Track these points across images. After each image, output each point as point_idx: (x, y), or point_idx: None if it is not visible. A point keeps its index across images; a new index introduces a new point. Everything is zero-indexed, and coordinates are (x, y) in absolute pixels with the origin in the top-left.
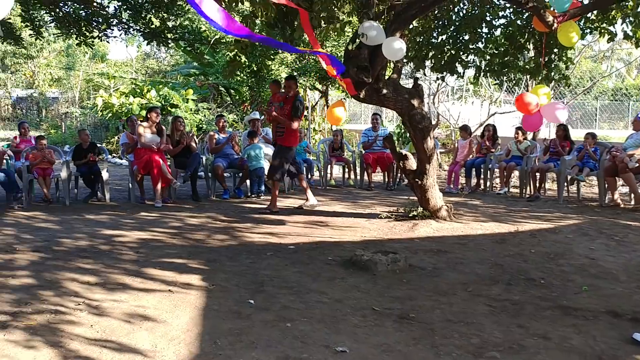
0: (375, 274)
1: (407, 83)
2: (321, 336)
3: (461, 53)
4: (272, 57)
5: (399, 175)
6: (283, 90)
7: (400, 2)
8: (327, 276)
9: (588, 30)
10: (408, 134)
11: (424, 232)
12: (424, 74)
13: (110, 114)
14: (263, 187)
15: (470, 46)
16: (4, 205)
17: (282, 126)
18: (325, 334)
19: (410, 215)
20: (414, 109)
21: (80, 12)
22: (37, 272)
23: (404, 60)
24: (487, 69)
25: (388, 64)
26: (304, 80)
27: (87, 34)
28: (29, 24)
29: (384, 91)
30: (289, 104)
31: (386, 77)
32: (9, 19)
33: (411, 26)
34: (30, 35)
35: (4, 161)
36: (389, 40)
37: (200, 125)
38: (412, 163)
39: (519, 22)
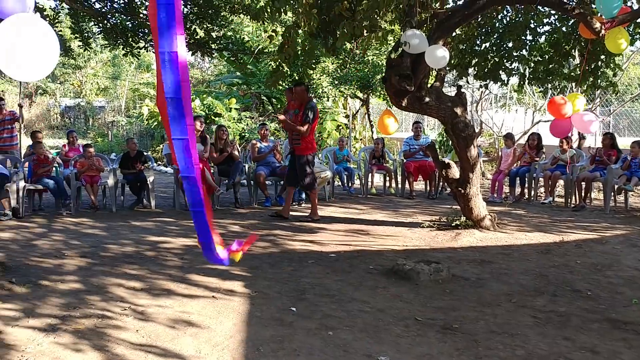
0: (417, 283)
1: (450, 91)
2: (363, 345)
3: (505, 60)
4: (313, 66)
5: (441, 184)
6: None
7: (443, 10)
8: (369, 285)
9: (638, 36)
10: (450, 142)
11: (467, 241)
12: (467, 82)
13: (155, 123)
14: (304, 195)
15: (514, 53)
16: (53, 211)
17: (298, 135)
18: (367, 343)
19: (453, 224)
20: (457, 117)
21: (127, 23)
22: (84, 277)
23: (447, 68)
24: (532, 76)
25: (430, 72)
26: (345, 89)
27: (134, 44)
28: (78, 36)
29: (427, 99)
30: (303, 110)
31: (429, 85)
32: (60, 30)
33: (454, 34)
34: (79, 46)
35: (53, 169)
36: (431, 48)
37: (243, 134)
38: (455, 172)
39: (564, 29)
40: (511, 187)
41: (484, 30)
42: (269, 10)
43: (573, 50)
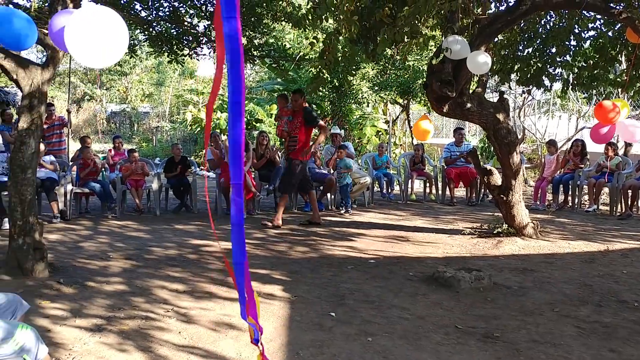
0: (458, 291)
1: (492, 97)
2: (403, 352)
3: (548, 66)
4: (353, 72)
5: (482, 190)
6: (290, 105)
7: (485, 16)
8: (409, 292)
9: None
10: (492, 149)
11: (509, 249)
12: (509, 88)
13: (199, 128)
14: (350, 202)
15: (558, 59)
16: (99, 214)
17: (294, 140)
18: (407, 350)
19: (494, 232)
20: (499, 123)
21: (172, 31)
22: (129, 279)
23: (489, 74)
24: (576, 82)
25: (472, 78)
26: (385, 95)
27: (178, 52)
28: None
29: (468, 105)
30: (299, 117)
31: (470, 91)
32: None
33: (496, 39)
34: (125, 53)
35: (100, 172)
36: (473, 54)
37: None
38: (497, 178)
39: (610, 33)
40: (554, 195)
41: (526, 35)
42: (310, 17)
43: (619, 56)
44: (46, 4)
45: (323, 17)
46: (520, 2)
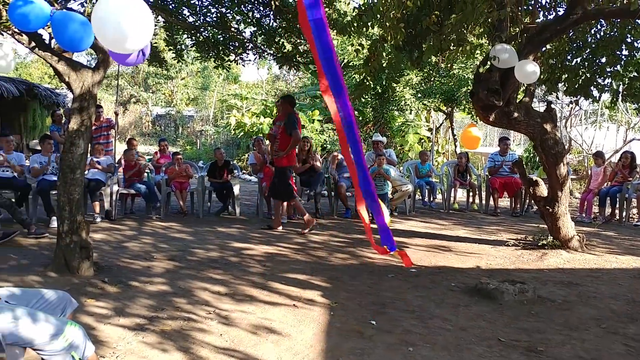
0: (501, 303)
1: (539, 106)
2: None
3: (597, 76)
4: (398, 79)
5: (527, 201)
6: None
7: (534, 24)
8: (451, 303)
9: None
10: (538, 159)
11: (553, 262)
12: (557, 97)
13: (242, 133)
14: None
15: (608, 69)
16: (144, 215)
17: (277, 145)
18: None
19: (539, 244)
20: (546, 133)
21: (219, 36)
22: (172, 280)
23: (536, 83)
24: (626, 93)
25: (520, 87)
26: (429, 102)
27: (224, 57)
28: (171, 48)
29: (515, 114)
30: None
31: (517, 100)
32: (155, 43)
33: (544, 48)
34: (172, 58)
35: (145, 174)
36: (521, 63)
37: (325, 145)
38: (542, 189)
39: None
40: (601, 207)
41: (575, 45)
42: (355, 24)
43: None
44: None
45: (369, 24)
46: (571, 11)
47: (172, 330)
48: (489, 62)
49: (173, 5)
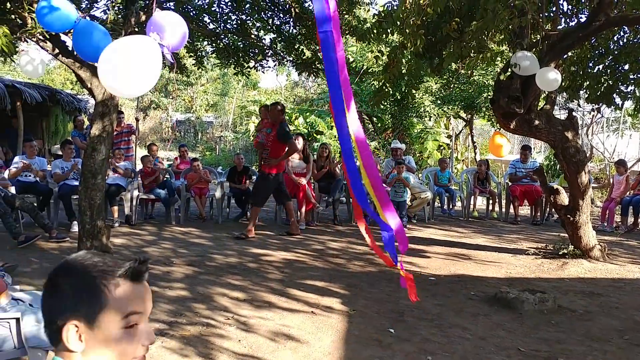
0: (521, 313)
1: (560, 114)
2: None
3: (619, 83)
4: (417, 86)
5: (547, 210)
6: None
7: (556, 32)
8: (470, 311)
9: None
10: (559, 167)
11: (574, 271)
12: (578, 105)
13: None
14: (406, 219)
15: (631, 76)
16: (163, 220)
17: (267, 152)
18: None
19: (560, 253)
20: (567, 141)
21: (239, 43)
22: (191, 285)
23: (557, 91)
24: None
25: (540, 94)
26: (448, 109)
27: (244, 64)
28: (192, 54)
29: (536, 122)
30: (274, 130)
31: (538, 108)
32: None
33: (565, 56)
34: (192, 64)
35: (165, 179)
36: (543, 70)
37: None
38: (563, 198)
39: None
40: (623, 217)
41: (597, 52)
42: (375, 31)
43: None
44: (119, 16)
45: (388, 30)
46: (593, 17)
47: (192, 336)
48: (509, 70)
49: (194, 12)
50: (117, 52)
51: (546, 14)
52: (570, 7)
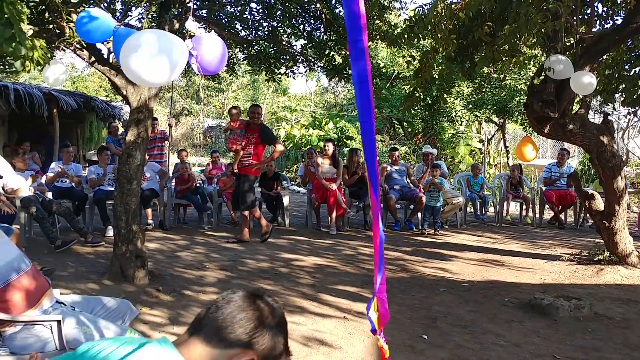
0: (556, 319)
1: (594, 118)
2: None
3: None
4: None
5: (582, 215)
6: (242, 118)
7: (591, 34)
8: (504, 318)
9: None
10: (594, 172)
11: (610, 278)
12: (614, 109)
13: (291, 145)
14: (439, 222)
15: None
16: (196, 225)
17: (248, 155)
18: None
19: (595, 259)
20: (603, 146)
21: (270, 50)
22: (224, 290)
23: (592, 94)
24: None
25: (575, 98)
26: (480, 113)
27: (275, 70)
28: None
29: (570, 126)
30: (254, 132)
31: (573, 112)
32: None
33: (600, 59)
34: (224, 71)
35: (198, 185)
36: (577, 74)
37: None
38: (599, 203)
39: None
40: None
41: (633, 54)
42: (406, 36)
43: None
44: (153, 24)
45: (420, 35)
46: (630, 20)
47: None
48: (543, 74)
49: (226, 19)
50: (144, 37)
51: (580, 17)
52: (605, 9)
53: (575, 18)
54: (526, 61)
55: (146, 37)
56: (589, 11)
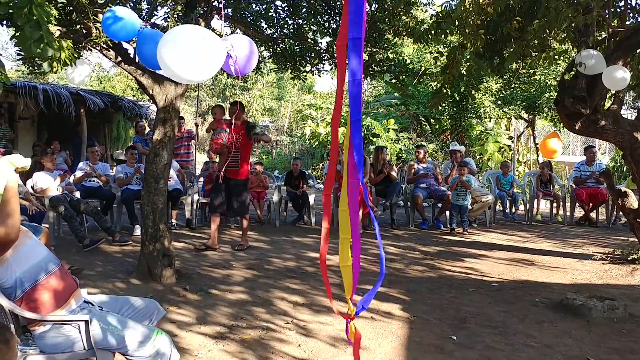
0: (588, 320)
1: (627, 114)
2: None
3: None
4: (477, 86)
5: (614, 213)
6: (227, 117)
7: (624, 28)
8: (535, 318)
9: None
10: (625, 169)
11: None
12: None
13: (316, 143)
14: (467, 221)
15: None
16: (222, 224)
17: (236, 157)
18: None
19: (629, 258)
20: (637, 142)
21: (295, 48)
22: (250, 289)
23: (625, 90)
24: None
25: (607, 94)
26: (509, 109)
27: (301, 68)
28: None
29: (602, 123)
30: (239, 131)
31: (605, 108)
32: None
33: (634, 53)
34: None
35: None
36: (610, 69)
37: (400, 155)
38: (632, 201)
39: None
40: None
41: None
42: (433, 32)
43: None
44: (179, 23)
45: (447, 31)
46: None
47: (252, 340)
48: (574, 69)
49: (251, 17)
50: (183, 31)
51: (613, 10)
52: (639, 1)
53: (607, 11)
54: (556, 56)
55: (185, 32)
56: (622, 4)
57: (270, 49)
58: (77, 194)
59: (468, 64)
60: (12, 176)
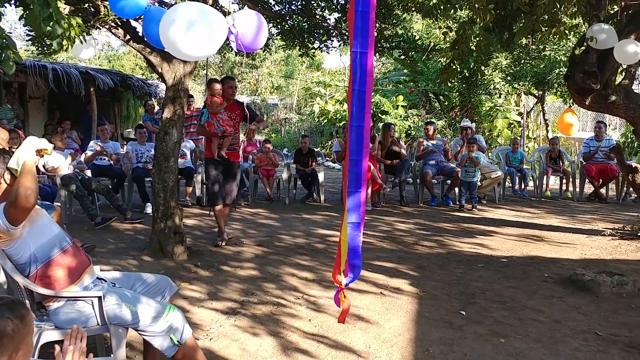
0: (597, 295)
1: (638, 89)
2: (538, 356)
3: None
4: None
5: (624, 189)
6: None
7: (637, 1)
8: (544, 294)
9: None
10: (637, 144)
11: None
12: None
13: (325, 120)
14: (476, 198)
15: None
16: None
17: (236, 139)
18: (542, 354)
19: (638, 234)
20: None
21: (304, 24)
22: (261, 265)
23: (637, 64)
24: None
25: (618, 69)
26: (519, 85)
27: (309, 45)
28: None
29: (613, 98)
30: (235, 109)
31: (616, 83)
32: None
33: None
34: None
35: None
36: (622, 43)
37: (409, 132)
38: None
39: None
40: None
41: None
42: (442, 7)
43: None
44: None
45: (457, 5)
46: None
47: (263, 315)
48: (585, 44)
49: None
50: (184, 9)
51: None
52: None
53: None
54: (566, 31)
55: (186, 9)
56: None
57: (279, 26)
58: (88, 173)
59: (477, 39)
60: (31, 156)
